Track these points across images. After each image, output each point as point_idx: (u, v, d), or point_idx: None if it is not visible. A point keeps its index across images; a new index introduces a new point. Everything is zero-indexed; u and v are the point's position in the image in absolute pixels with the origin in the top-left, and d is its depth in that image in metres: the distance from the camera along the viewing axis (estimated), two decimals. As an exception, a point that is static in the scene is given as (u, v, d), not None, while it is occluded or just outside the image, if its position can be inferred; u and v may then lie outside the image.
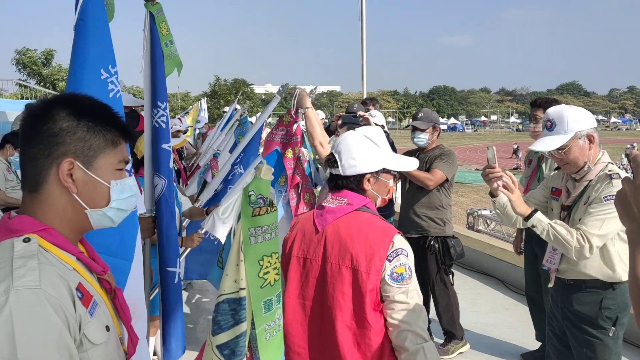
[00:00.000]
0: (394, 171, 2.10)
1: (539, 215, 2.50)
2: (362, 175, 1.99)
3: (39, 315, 1.01)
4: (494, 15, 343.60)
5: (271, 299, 1.65)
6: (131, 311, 2.23)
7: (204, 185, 4.71)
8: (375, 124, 4.76)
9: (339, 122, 5.03)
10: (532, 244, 4.20)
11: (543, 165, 3.94)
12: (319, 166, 3.72)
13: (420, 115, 4.46)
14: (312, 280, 1.96)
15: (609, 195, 2.40)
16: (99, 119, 1.25)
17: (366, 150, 1.99)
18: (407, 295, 1.85)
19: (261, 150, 3.94)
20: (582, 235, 2.41)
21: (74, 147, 1.21)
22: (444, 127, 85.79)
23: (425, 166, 4.30)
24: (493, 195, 2.66)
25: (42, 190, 1.21)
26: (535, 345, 4.37)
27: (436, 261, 4.30)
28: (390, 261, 1.84)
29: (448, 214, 4.35)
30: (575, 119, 2.50)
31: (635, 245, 1.26)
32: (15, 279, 1.02)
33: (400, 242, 1.89)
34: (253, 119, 13.53)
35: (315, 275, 1.95)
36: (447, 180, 4.27)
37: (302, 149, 3.43)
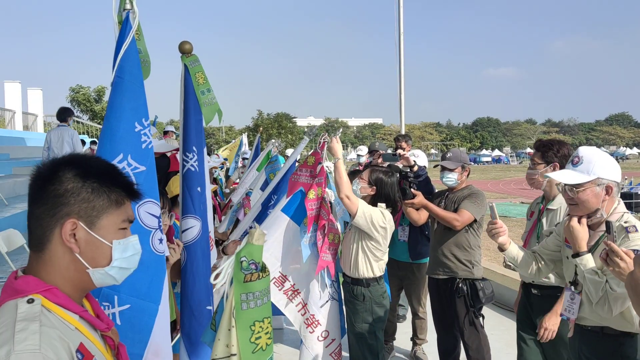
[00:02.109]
0: None
1: (587, 257, 2.47)
2: None
3: None
4: (540, 47, 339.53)
5: None
6: (155, 353, 2.35)
7: (236, 223, 4.83)
8: (417, 165, 4.85)
9: (380, 160, 5.11)
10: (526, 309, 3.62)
11: (543, 220, 3.56)
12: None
13: (449, 155, 4.49)
14: None
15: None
16: (104, 179, 1.29)
17: None
18: None
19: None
20: (607, 295, 2.37)
21: (78, 208, 1.25)
22: (488, 158, 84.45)
23: (454, 206, 4.30)
24: (501, 249, 2.79)
25: (46, 250, 1.25)
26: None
27: (465, 304, 4.25)
28: None
29: (477, 256, 4.31)
30: (602, 166, 2.50)
31: None
32: (17, 343, 1.06)
33: None
34: (290, 152, 13.74)
35: None
36: (475, 220, 4.26)
37: (327, 189, 3.52)
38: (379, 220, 3.56)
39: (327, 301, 3.62)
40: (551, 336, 3.29)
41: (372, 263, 3.65)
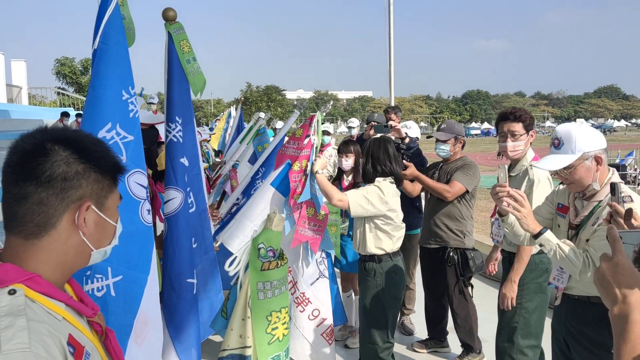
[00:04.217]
0: None
1: (548, 234, 2.48)
2: None
3: None
4: (531, 18, 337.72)
5: (279, 355, 1.59)
6: (144, 322, 2.35)
7: (223, 195, 4.80)
8: (409, 136, 4.85)
9: (372, 131, 5.09)
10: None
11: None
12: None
13: (442, 126, 4.50)
14: None
15: None
16: (105, 159, 1.23)
17: None
18: None
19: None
20: (589, 258, 2.39)
21: (90, 189, 1.18)
22: (477, 131, 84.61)
23: (446, 177, 4.32)
24: (502, 214, 2.71)
25: (46, 236, 1.14)
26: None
27: (455, 273, 4.30)
28: None
29: (468, 226, 4.35)
30: (583, 140, 2.47)
31: (619, 335, 1.17)
32: (4, 342, 0.97)
33: None
34: (279, 124, 13.58)
35: None
36: (467, 191, 4.28)
37: (309, 163, 3.46)
38: (375, 198, 3.42)
39: (317, 279, 3.56)
40: (512, 303, 3.38)
41: (381, 240, 3.52)
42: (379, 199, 3.43)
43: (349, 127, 8.66)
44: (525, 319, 3.43)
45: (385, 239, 3.52)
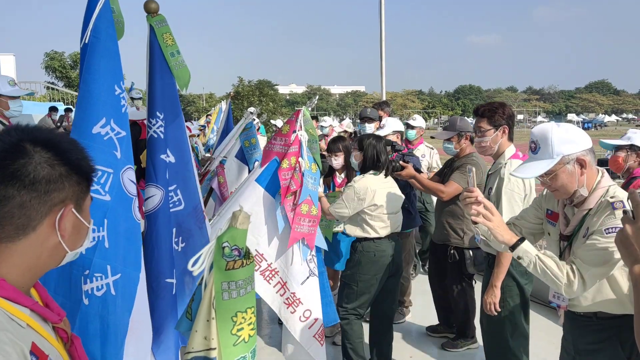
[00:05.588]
0: None
1: (525, 245, 2.21)
2: None
3: None
4: (523, 14, 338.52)
5: (245, 356, 1.53)
6: (135, 323, 2.33)
7: (210, 192, 4.72)
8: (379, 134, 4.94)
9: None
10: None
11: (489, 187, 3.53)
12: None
13: (446, 124, 4.53)
14: None
15: (611, 228, 2.07)
16: (84, 160, 1.20)
17: None
18: None
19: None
20: (573, 271, 2.15)
21: (72, 191, 1.15)
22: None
23: (449, 176, 4.36)
24: (474, 221, 2.40)
25: (24, 239, 1.10)
26: (546, 354, 4.33)
27: (456, 269, 4.40)
28: None
29: (470, 224, 4.33)
30: (561, 141, 2.18)
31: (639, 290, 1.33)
32: None
33: None
34: (277, 122, 13.47)
35: None
36: (465, 190, 4.31)
37: (300, 159, 3.37)
38: (352, 200, 3.79)
39: (307, 277, 3.44)
40: (496, 308, 3.34)
41: (362, 227, 3.84)
42: (357, 200, 3.79)
43: (322, 126, 8.63)
44: (512, 321, 3.38)
45: (365, 226, 3.84)
